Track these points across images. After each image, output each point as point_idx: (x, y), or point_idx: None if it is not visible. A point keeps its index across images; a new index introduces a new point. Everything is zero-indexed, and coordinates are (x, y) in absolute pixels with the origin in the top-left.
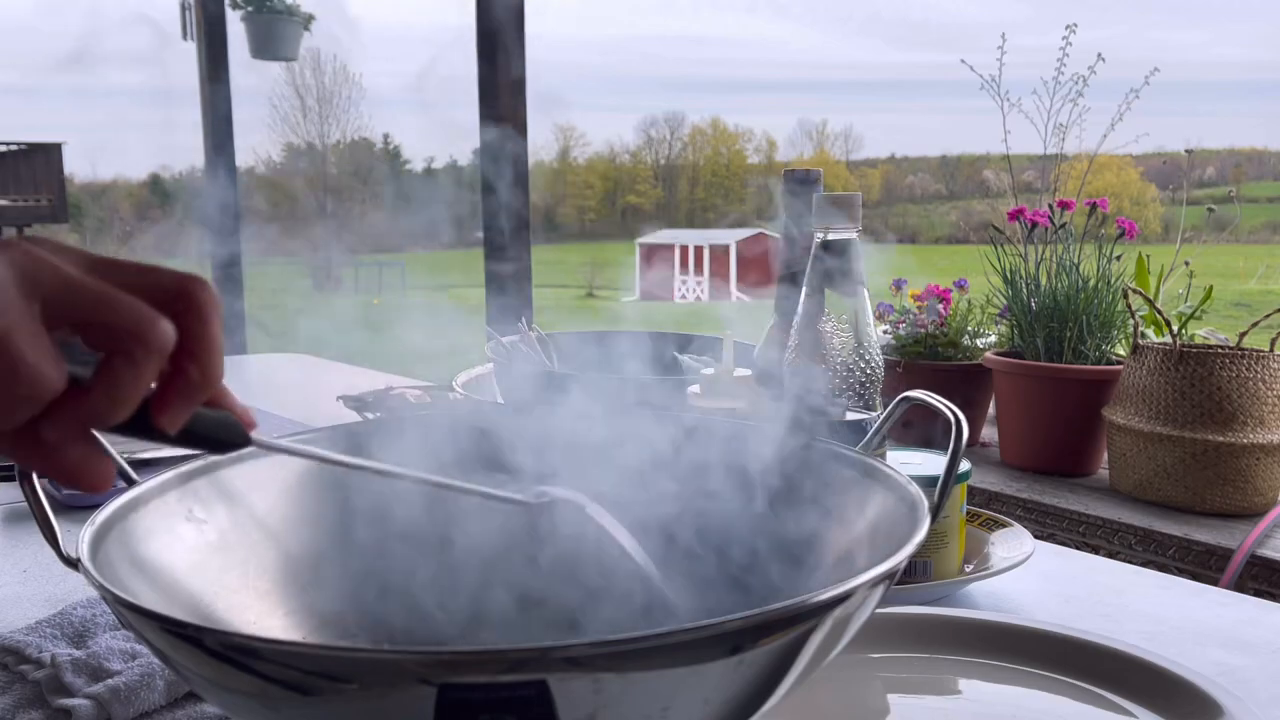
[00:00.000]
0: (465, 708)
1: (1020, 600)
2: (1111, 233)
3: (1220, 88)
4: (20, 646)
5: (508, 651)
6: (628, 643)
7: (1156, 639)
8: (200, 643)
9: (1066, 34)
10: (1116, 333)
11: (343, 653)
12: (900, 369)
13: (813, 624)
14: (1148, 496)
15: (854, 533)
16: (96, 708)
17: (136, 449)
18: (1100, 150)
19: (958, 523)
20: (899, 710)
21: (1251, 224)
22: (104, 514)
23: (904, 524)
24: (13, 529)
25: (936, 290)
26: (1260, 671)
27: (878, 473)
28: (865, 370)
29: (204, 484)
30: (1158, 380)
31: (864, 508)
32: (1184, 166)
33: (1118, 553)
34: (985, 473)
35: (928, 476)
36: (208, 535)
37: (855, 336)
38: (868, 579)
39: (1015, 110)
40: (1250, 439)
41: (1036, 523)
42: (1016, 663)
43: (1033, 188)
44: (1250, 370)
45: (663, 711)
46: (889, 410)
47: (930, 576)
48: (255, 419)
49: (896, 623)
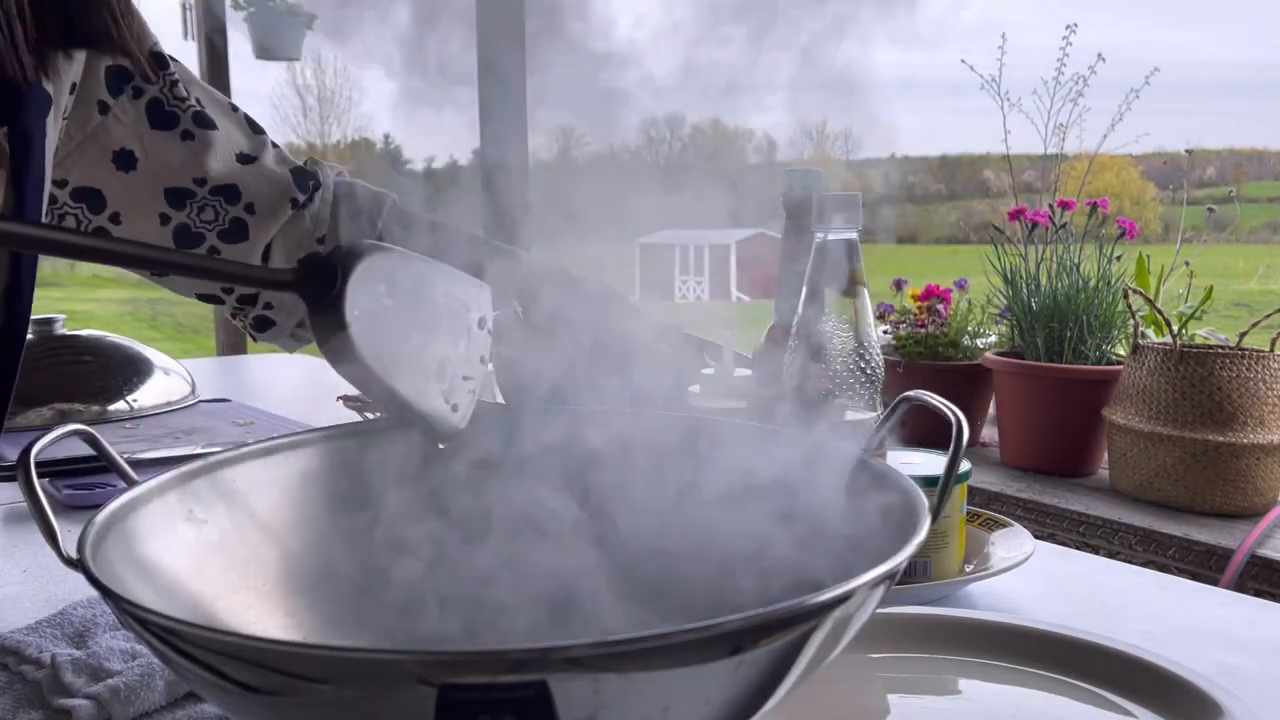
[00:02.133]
0: (465, 708)
1: (1020, 600)
2: (1112, 233)
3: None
4: (20, 646)
5: (508, 652)
6: (628, 643)
7: (1156, 639)
8: (200, 643)
9: (1066, 34)
10: (1117, 333)
11: (343, 653)
12: (900, 369)
13: (813, 624)
14: (1148, 496)
15: (854, 533)
16: (96, 708)
17: (137, 449)
18: (1100, 150)
19: (958, 523)
20: (899, 710)
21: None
22: (104, 514)
23: (904, 524)
24: (13, 529)
25: (936, 290)
26: (1260, 671)
27: (878, 473)
28: (865, 370)
29: (204, 484)
30: (1158, 380)
31: (864, 508)
32: (1184, 166)
33: (1118, 553)
34: (985, 473)
35: (928, 476)
36: (208, 535)
37: (855, 336)
38: (868, 579)
39: (1015, 110)
40: (1250, 439)
41: (1036, 523)
42: (1016, 663)
43: (1033, 188)
44: (1250, 370)
45: (663, 712)
46: (889, 410)
47: (930, 576)
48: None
49: (896, 623)
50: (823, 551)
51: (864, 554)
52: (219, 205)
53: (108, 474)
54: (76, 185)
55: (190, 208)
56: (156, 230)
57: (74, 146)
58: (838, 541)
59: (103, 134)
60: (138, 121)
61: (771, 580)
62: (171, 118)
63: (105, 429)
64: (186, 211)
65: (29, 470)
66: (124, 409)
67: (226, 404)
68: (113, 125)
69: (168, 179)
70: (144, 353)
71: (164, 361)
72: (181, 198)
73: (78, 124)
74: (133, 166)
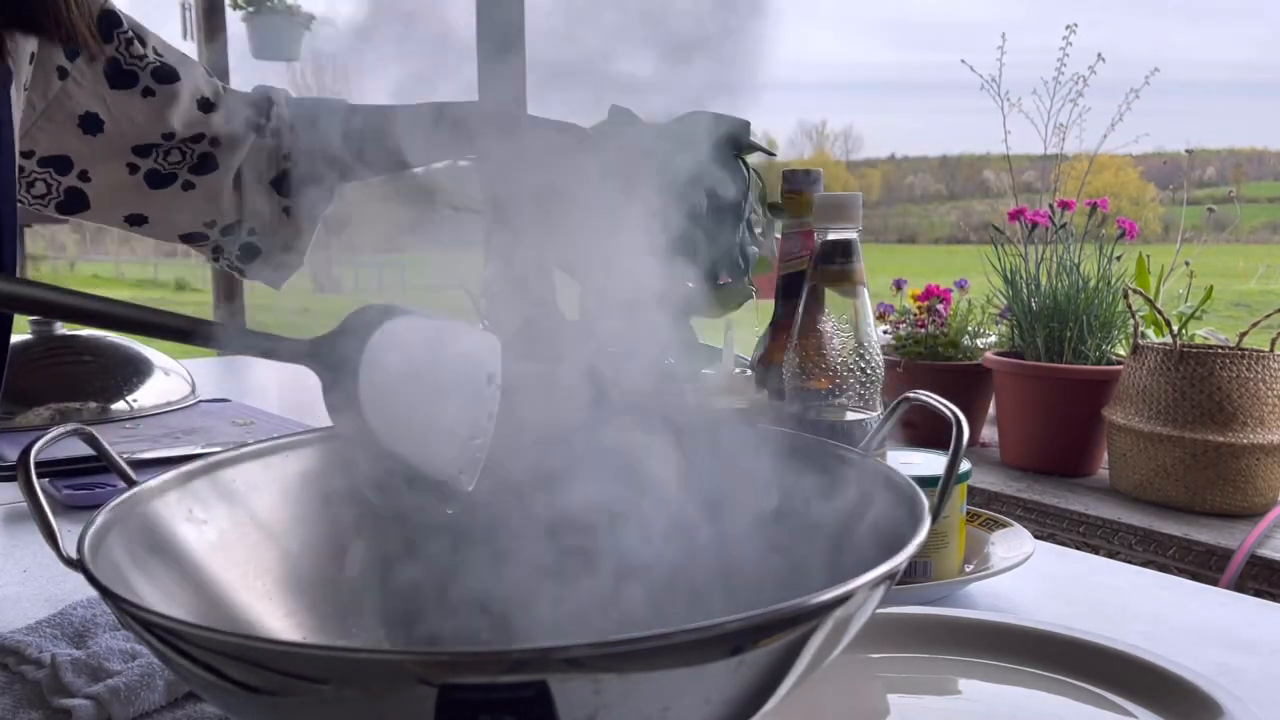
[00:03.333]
0: (465, 708)
1: (1020, 600)
2: (1112, 233)
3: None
4: (20, 646)
5: (508, 652)
6: (628, 643)
7: (1156, 639)
8: (200, 644)
9: (1066, 34)
10: (1117, 333)
11: (343, 653)
12: (900, 369)
13: (813, 625)
14: (1148, 496)
15: (854, 533)
16: (96, 708)
17: (136, 449)
18: (1100, 150)
19: (958, 523)
20: (899, 710)
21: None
22: (104, 514)
23: (904, 524)
24: (13, 529)
25: (936, 290)
26: (1260, 671)
27: (878, 473)
28: (865, 370)
29: (204, 484)
30: (1158, 380)
31: (864, 508)
32: (1184, 166)
33: (1118, 553)
34: (985, 473)
35: (928, 476)
36: (207, 535)
37: (855, 336)
38: (868, 580)
39: (1015, 110)
40: (1250, 439)
41: (1036, 523)
42: (1016, 663)
43: (1033, 188)
44: (1250, 370)
45: (663, 712)
46: (889, 410)
47: (930, 576)
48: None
49: (896, 623)
50: (822, 551)
51: (864, 554)
52: (184, 147)
53: (108, 474)
54: (44, 154)
55: (157, 154)
56: (126, 179)
57: (38, 115)
58: (837, 541)
59: (65, 99)
60: (97, 83)
61: (771, 580)
62: (130, 76)
63: (105, 429)
64: (154, 158)
65: (29, 470)
66: (124, 409)
67: (226, 404)
68: (73, 89)
69: (134, 138)
70: (144, 353)
71: (164, 361)
72: (149, 150)
73: (39, 92)
74: (99, 129)
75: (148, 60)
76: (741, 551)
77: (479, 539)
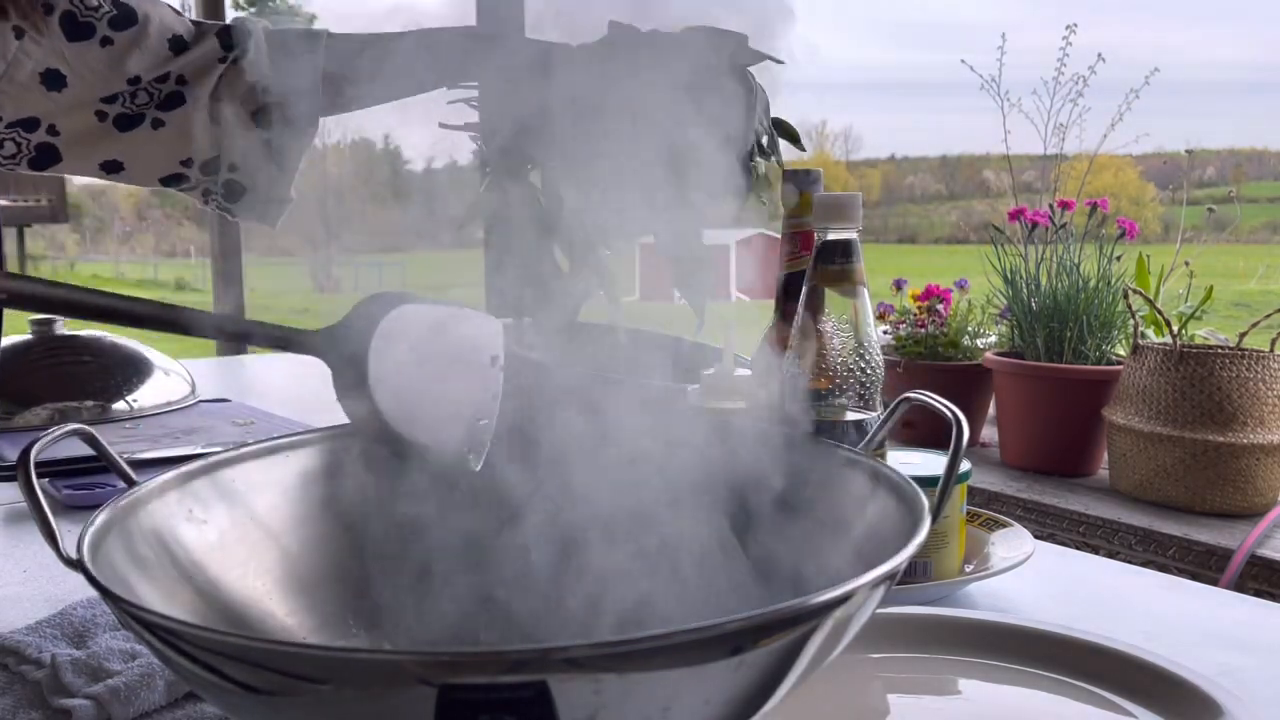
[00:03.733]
0: (465, 708)
1: (1020, 600)
2: (1111, 233)
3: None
4: (20, 646)
5: (508, 652)
6: (628, 643)
7: (1156, 639)
8: (200, 644)
9: (1066, 34)
10: (1117, 333)
11: (343, 653)
12: (900, 369)
13: (813, 625)
14: (1148, 496)
15: (854, 533)
16: (96, 708)
17: (136, 449)
18: (1100, 150)
19: (958, 523)
20: (899, 710)
21: (1251, 224)
22: (104, 514)
23: (904, 524)
24: (13, 529)
25: (936, 290)
26: (1260, 671)
27: (878, 473)
28: (865, 370)
29: (204, 484)
30: (1158, 380)
31: (864, 508)
32: (1184, 166)
33: (1118, 553)
34: (985, 473)
35: (928, 476)
36: (207, 535)
37: (855, 336)
38: (868, 580)
39: (1015, 110)
40: (1250, 439)
41: (1036, 523)
42: (1016, 663)
43: (1033, 188)
44: (1250, 370)
45: (663, 712)
46: (889, 410)
47: (930, 576)
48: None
49: (896, 623)
50: (822, 551)
51: (864, 554)
52: (150, 87)
53: (108, 474)
54: (12, 119)
55: (123, 99)
56: (96, 126)
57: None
58: (837, 541)
59: (24, 58)
60: (54, 38)
61: (771, 580)
62: (87, 28)
63: (105, 429)
64: (120, 103)
65: (29, 470)
66: (124, 409)
67: (226, 404)
68: (31, 47)
69: (101, 89)
70: (144, 352)
71: (164, 361)
72: (115, 97)
73: None
74: (63, 85)
75: (103, 10)
76: (741, 551)
77: (480, 539)
